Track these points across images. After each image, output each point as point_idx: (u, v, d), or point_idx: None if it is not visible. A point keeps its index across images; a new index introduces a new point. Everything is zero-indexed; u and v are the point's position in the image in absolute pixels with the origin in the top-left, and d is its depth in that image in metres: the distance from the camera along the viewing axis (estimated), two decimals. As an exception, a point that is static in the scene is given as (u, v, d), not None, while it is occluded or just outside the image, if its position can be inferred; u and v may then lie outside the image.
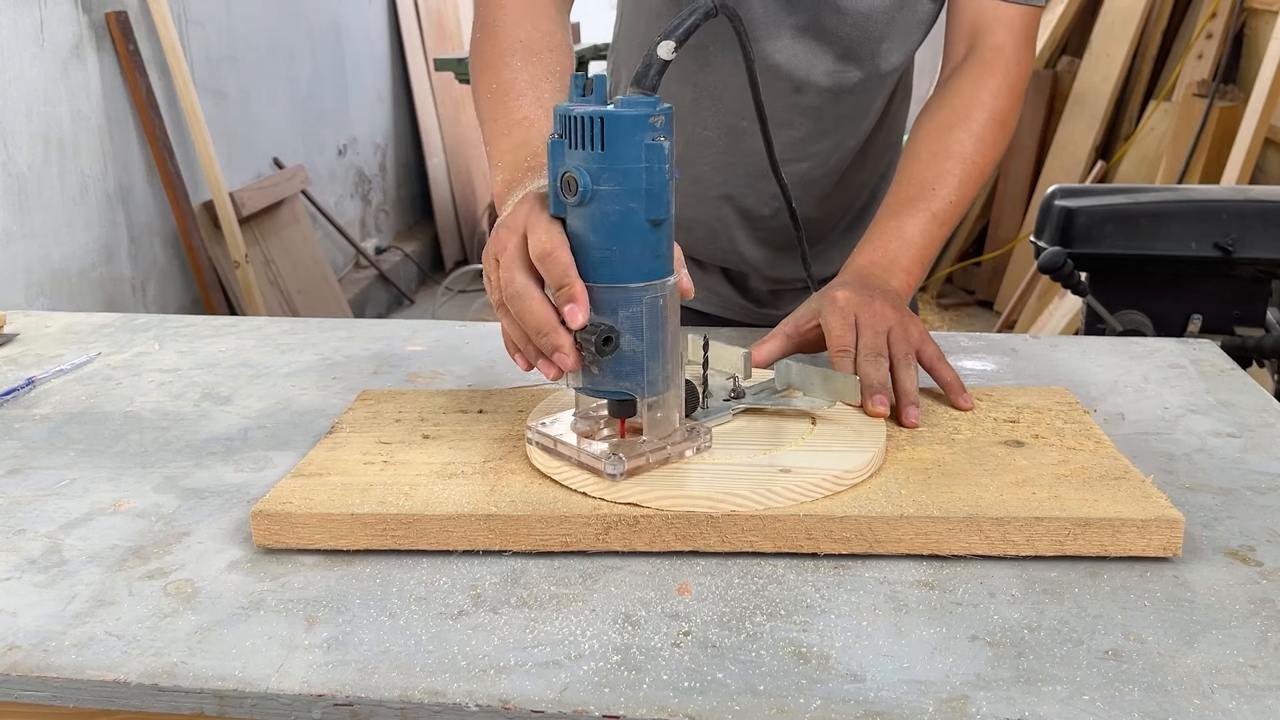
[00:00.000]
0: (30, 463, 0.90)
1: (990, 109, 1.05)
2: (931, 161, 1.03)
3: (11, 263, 2.66)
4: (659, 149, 0.71)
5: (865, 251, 1.00)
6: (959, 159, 1.03)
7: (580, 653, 0.63)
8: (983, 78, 1.06)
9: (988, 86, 1.06)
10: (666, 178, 0.72)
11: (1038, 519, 0.72)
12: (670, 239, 0.75)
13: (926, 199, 1.01)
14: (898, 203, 1.02)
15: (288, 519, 0.74)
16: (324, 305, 4.10)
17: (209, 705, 0.61)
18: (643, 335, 0.73)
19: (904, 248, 0.99)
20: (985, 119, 1.05)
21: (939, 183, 1.02)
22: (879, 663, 0.62)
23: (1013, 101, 1.07)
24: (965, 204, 1.03)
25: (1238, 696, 0.59)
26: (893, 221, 1.01)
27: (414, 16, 5.40)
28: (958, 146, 1.03)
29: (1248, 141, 3.23)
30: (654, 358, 0.74)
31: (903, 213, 1.01)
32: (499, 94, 0.95)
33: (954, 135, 1.04)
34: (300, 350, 1.16)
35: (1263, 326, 2.05)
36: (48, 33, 2.79)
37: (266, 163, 4.01)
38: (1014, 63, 1.08)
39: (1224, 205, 2.02)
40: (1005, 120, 1.06)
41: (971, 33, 1.09)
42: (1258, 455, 0.88)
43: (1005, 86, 1.06)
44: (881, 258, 0.98)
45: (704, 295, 1.32)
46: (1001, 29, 1.08)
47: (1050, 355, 1.13)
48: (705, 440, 0.79)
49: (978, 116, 1.05)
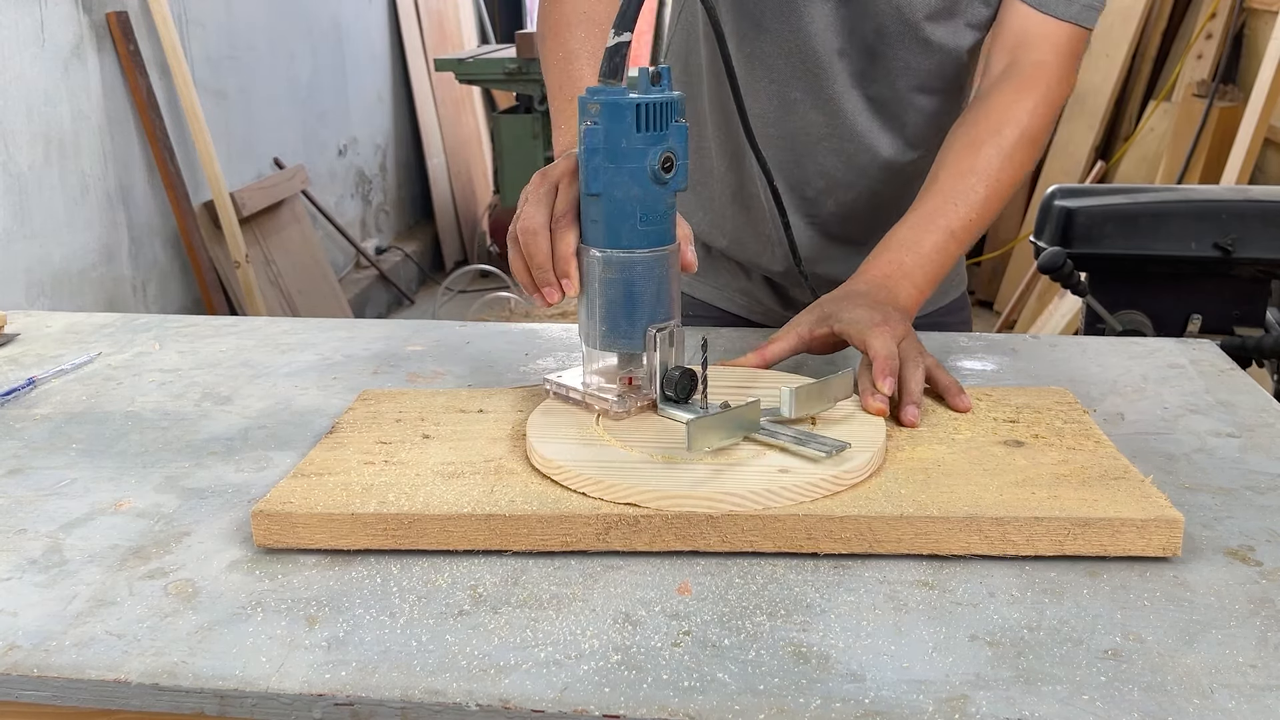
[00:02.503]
0: (31, 463, 0.90)
1: (1023, 126, 1.04)
2: (957, 176, 1.02)
3: (12, 263, 2.66)
4: (684, 129, 0.82)
5: (879, 262, 0.99)
6: (984, 176, 1.01)
7: (580, 652, 0.63)
8: (1021, 93, 1.05)
9: (1024, 103, 1.04)
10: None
11: (1037, 519, 0.72)
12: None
13: (947, 214, 1.00)
14: (918, 215, 1.01)
15: (288, 519, 0.74)
16: (324, 305, 4.11)
17: (209, 705, 0.61)
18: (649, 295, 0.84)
19: (919, 262, 0.98)
20: (1016, 136, 1.03)
21: (961, 199, 1.01)
22: (879, 663, 0.62)
23: (1047, 120, 1.06)
24: (986, 222, 1.02)
25: (1237, 696, 0.59)
26: (910, 234, 1.00)
27: (414, 16, 5.41)
28: (984, 163, 1.02)
29: (1247, 141, 3.23)
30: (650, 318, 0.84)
31: (920, 226, 1.00)
32: (565, 61, 1.04)
33: (983, 151, 1.02)
34: (300, 350, 1.16)
35: (1262, 326, 2.05)
36: (48, 33, 2.79)
37: (267, 163, 4.01)
38: (1055, 80, 1.06)
39: (1224, 205, 2.02)
40: (1037, 138, 1.05)
41: (1015, 46, 1.07)
42: (1257, 455, 0.88)
43: (1042, 104, 1.05)
44: (895, 270, 0.98)
45: (747, 303, 1.32)
46: (1047, 45, 1.06)
47: (1050, 355, 1.13)
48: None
49: (1009, 134, 1.03)
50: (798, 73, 1.14)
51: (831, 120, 1.16)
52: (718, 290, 1.33)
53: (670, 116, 0.81)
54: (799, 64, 1.13)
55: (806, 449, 0.77)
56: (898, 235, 1.01)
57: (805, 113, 1.16)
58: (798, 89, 1.15)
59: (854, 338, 0.91)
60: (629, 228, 0.82)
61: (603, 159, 0.81)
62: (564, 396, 0.89)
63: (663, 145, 0.80)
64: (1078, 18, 1.06)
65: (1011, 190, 1.04)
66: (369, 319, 2.05)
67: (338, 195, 4.69)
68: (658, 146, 0.80)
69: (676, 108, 0.81)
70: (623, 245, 0.82)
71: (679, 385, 0.84)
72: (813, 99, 1.15)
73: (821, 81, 1.14)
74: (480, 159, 5.99)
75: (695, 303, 1.33)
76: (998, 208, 1.03)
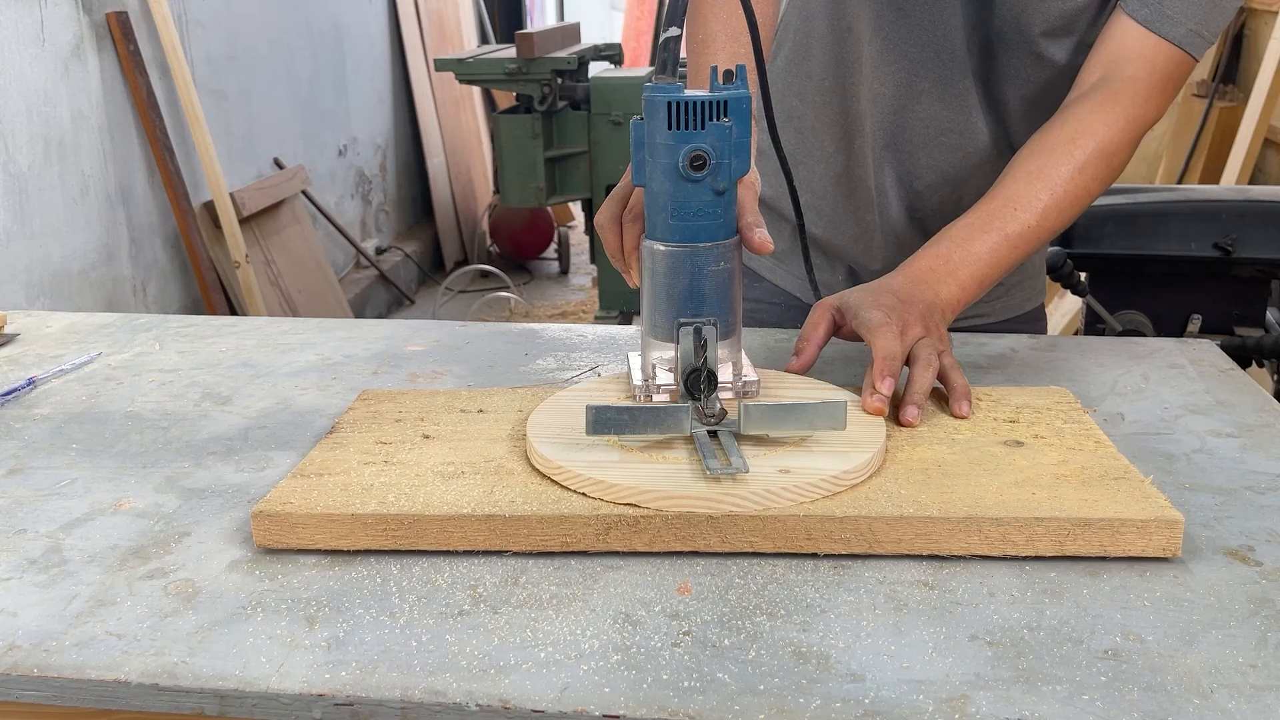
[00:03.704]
0: (31, 463, 0.90)
1: (1101, 139, 1.00)
2: (1024, 180, 1.00)
3: (12, 263, 2.66)
4: (726, 130, 0.82)
5: (925, 255, 0.98)
6: (1050, 184, 0.99)
7: (580, 653, 0.63)
8: (1104, 105, 1.01)
9: (1104, 115, 1.01)
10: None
11: (1037, 519, 0.72)
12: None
13: (1005, 219, 0.98)
14: (977, 215, 0.99)
15: (288, 519, 0.74)
16: (324, 305, 4.10)
17: (209, 705, 0.61)
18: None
19: (966, 261, 0.97)
20: (1092, 148, 1.00)
21: (1022, 205, 0.98)
22: (879, 663, 0.62)
23: (1129, 137, 1.02)
24: (1048, 230, 0.99)
25: (1237, 696, 0.59)
26: (964, 232, 0.98)
27: (414, 17, 5.41)
28: (1054, 170, 0.99)
29: (1247, 141, 3.23)
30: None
31: (977, 226, 0.98)
32: (703, 45, 1.06)
33: (1053, 158, 1.00)
34: (300, 350, 1.16)
35: (1262, 326, 2.05)
36: (48, 33, 2.79)
37: (267, 163, 4.01)
38: (1143, 98, 1.02)
39: (1224, 205, 2.02)
40: (1114, 154, 1.01)
41: (1110, 60, 1.03)
42: (1257, 455, 0.88)
43: (1123, 119, 1.01)
44: (942, 265, 0.96)
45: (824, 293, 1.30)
46: (1142, 62, 1.02)
47: (1050, 355, 1.13)
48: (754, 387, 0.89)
49: (1084, 144, 1.00)
50: (931, 63, 1.13)
51: (953, 115, 1.15)
52: (800, 280, 1.29)
53: (708, 116, 0.80)
54: (933, 54, 1.12)
55: (707, 460, 0.76)
56: (951, 232, 0.99)
57: (930, 104, 1.15)
58: (927, 79, 1.13)
59: (863, 337, 0.92)
60: (662, 221, 0.83)
61: (645, 152, 0.83)
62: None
63: (693, 143, 0.81)
64: (1182, 41, 1.01)
65: (1081, 203, 1.01)
66: (369, 319, 2.05)
67: (338, 195, 4.69)
68: (687, 144, 0.81)
69: (722, 108, 0.80)
70: (657, 236, 0.84)
71: (688, 382, 0.84)
72: (939, 91, 1.14)
73: (951, 74, 1.13)
74: (480, 159, 5.99)
75: (776, 290, 1.31)
76: (1063, 219, 1.00)
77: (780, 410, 0.79)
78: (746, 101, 0.82)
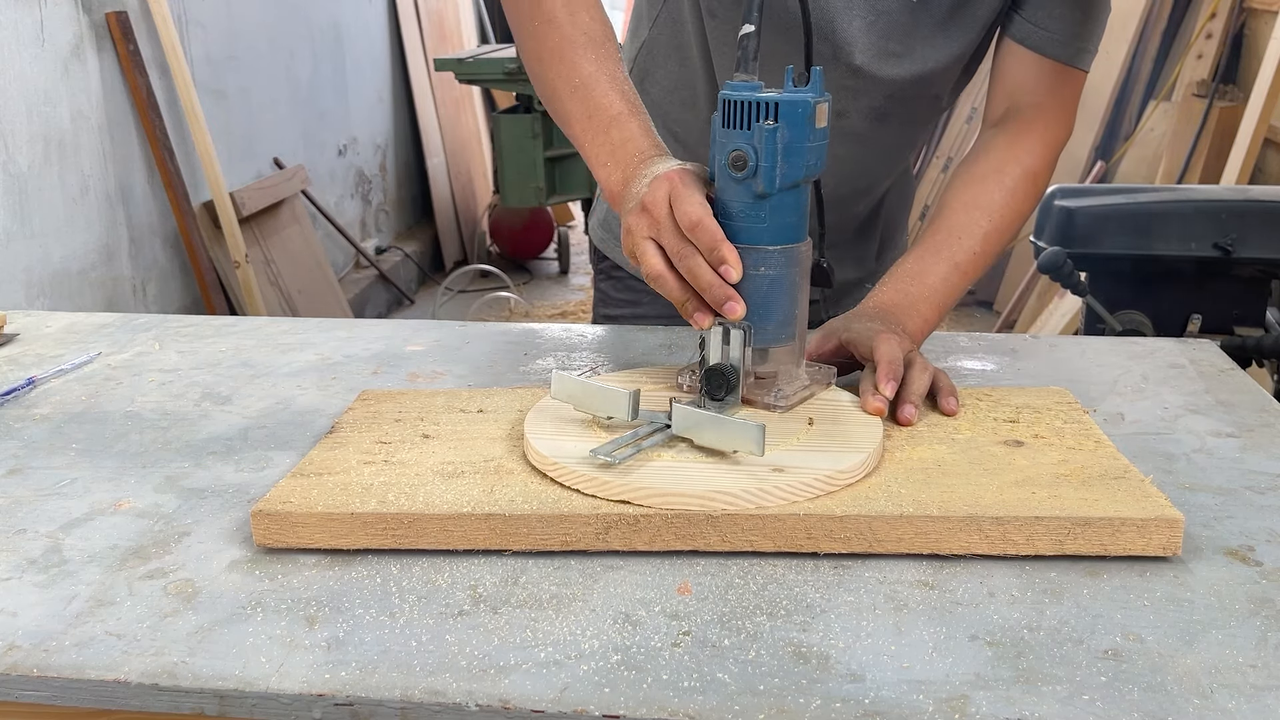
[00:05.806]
0: (30, 463, 0.90)
1: (1025, 165, 1.06)
2: (961, 211, 1.04)
3: (12, 263, 2.66)
4: (769, 131, 0.81)
5: (885, 291, 1.01)
6: (987, 211, 1.04)
7: (580, 653, 0.63)
8: (1020, 135, 1.07)
9: (1024, 144, 1.07)
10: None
11: (1037, 518, 0.72)
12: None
13: (951, 248, 1.02)
14: (924, 248, 1.03)
15: (288, 519, 0.74)
16: (324, 305, 4.10)
17: (209, 705, 0.61)
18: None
19: (924, 294, 1.00)
20: (1019, 174, 1.06)
21: (965, 233, 1.03)
22: (879, 663, 0.62)
23: (1047, 160, 1.08)
24: (990, 255, 1.04)
25: (1237, 696, 0.59)
26: (916, 265, 1.02)
27: (414, 16, 5.41)
28: (987, 198, 1.04)
29: (1247, 141, 3.23)
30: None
31: (926, 258, 1.02)
32: (584, 89, 0.97)
33: (985, 186, 1.05)
34: (300, 350, 1.16)
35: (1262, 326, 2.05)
36: (48, 33, 2.79)
37: (266, 163, 4.01)
38: (1054, 121, 1.09)
39: (1224, 205, 2.02)
40: (1038, 176, 1.08)
41: (1011, 91, 1.09)
42: (1257, 455, 0.88)
43: (1042, 145, 1.07)
44: (902, 300, 1.00)
45: None
46: (1041, 89, 1.08)
47: (1050, 355, 1.13)
48: (829, 377, 0.91)
49: (1011, 171, 1.06)
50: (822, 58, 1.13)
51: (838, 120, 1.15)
52: None
53: (754, 117, 0.80)
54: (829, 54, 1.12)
55: (607, 446, 0.78)
56: (904, 267, 1.03)
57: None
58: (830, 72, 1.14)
59: (860, 345, 0.93)
60: (719, 216, 0.83)
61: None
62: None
63: (736, 143, 0.81)
64: (1072, 60, 1.07)
65: (1016, 226, 1.06)
66: (369, 319, 2.05)
67: (338, 195, 4.69)
68: (731, 143, 0.81)
69: (768, 109, 0.80)
70: None
71: (707, 380, 0.84)
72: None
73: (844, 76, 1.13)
74: (480, 159, 5.99)
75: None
76: (1002, 242, 1.05)
77: (706, 420, 0.79)
78: (803, 107, 0.80)
